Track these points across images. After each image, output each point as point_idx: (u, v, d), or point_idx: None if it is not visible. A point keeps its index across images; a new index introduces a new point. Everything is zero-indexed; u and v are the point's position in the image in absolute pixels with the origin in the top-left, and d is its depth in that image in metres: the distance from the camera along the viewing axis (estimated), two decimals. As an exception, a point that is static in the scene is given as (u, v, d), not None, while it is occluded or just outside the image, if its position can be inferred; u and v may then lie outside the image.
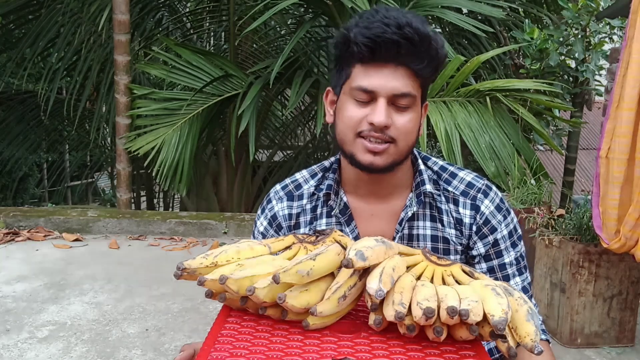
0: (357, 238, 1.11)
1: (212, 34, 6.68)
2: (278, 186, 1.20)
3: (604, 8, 4.05)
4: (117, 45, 4.66)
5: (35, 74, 6.88)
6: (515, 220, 1.15)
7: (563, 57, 4.33)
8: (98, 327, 2.74)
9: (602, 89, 4.35)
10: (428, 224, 1.12)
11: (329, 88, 1.13)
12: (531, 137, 4.29)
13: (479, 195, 1.11)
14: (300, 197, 1.17)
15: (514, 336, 0.79)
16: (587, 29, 4.24)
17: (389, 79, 1.00)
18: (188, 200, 5.73)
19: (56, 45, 5.54)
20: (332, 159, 1.18)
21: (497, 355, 1.15)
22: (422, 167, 1.12)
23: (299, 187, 1.18)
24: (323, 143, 6.47)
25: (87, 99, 5.78)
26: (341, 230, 1.12)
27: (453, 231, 1.11)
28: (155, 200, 6.82)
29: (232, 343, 0.80)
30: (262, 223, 1.19)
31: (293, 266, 0.82)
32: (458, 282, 0.86)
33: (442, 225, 1.12)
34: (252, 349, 0.79)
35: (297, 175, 1.20)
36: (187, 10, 6.74)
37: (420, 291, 0.80)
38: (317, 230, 1.05)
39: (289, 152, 6.91)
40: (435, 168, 1.15)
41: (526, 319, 0.79)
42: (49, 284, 3.24)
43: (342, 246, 0.91)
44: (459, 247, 1.12)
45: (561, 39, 4.25)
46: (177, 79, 4.74)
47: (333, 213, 1.13)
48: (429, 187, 1.10)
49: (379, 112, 1.00)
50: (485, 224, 1.11)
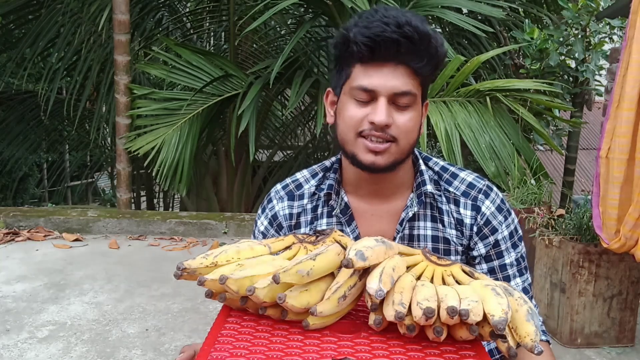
0: (357, 238, 1.11)
1: (212, 34, 6.68)
2: (279, 186, 1.20)
3: (604, 8, 4.05)
4: (117, 45, 4.67)
5: (35, 74, 6.88)
6: (516, 221, 1.14)
7: (563, 57, 4.33)
8: (98, 327, 2.74)
9: (602, 89, 4.35)
10: (429, 224, 1.12)
11: (329, 89, 1.13)
12: (531, 137, 4.29)
13: (480, 196, 1.11)
14: (301, 197, 1.17)
15: (514, 336, 0.79)
16: (587, 29, 4.24)
17: (389, 77, 1.00)
18: (188, 200, 5.73)
19: (56, 45, 5.55)
20: (333, 159, 1.17)
21: (498, 356, 1.15)
22: (423, 168, 1.12)
23: (299, 186, 1.18)
24: (323, 143, 6.47)
25: (87, 99, 5.78)
26: (342, 231, 1.12)
27: (454, 232, 1.11)
28: (155, 200, 6.82)
29: (232, 343, 0.80)
30: (262, 222, 1.19)
31: (293, 266, 0.82)
32: (458, 282, 0.86)
33: (443, 225, 1.11)
34: (252, 349, 0.79)
35: (298, 175, 1.20)
36: (187, 10, 6.75)
37: (420, 291, 0.80)
38: (317, 230, 1.05)
39: (289, 152, 6.91)
40: (436, 168, 1.15)
41: (526, 319, 0.79)
42: (49, 284, 3.24)
43: (342, 246, 0.91)
44: (460, 248, 1.12)
45: (561, 39, 4.25)
46: (177, 79, 4.74)
47: (334, 213, 1.13)
48: (430, 187, 1.10)
49: (379, 111, 0.99)
50: (486, 225, 1.11)
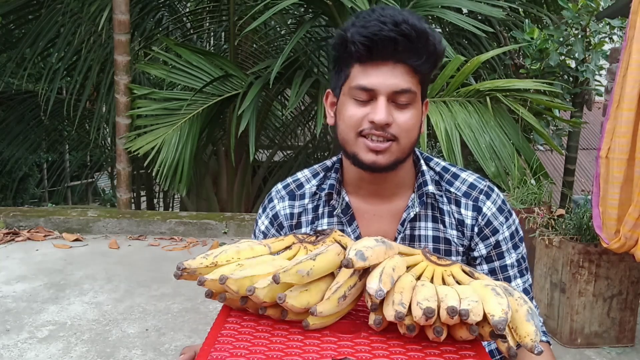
0: (358, 238, 1.10)
1: (212, 34, 6.67)
2: (280, 185, 1.20)
3: (604, 8, 4.05)
4: (117, 45, 4.67)
5: (35, 74, 6.88)
6: (517, 222, 1.14)
7: (563, 57, 4.33)
8: (98, 327, 2.74)
9: (602, 89, 4.35)
10: (430, 224, 1.12)
11: (328, 90, 1.13)
12: (531, 137, 4.29)
13: (481, 197, 1.11)
14: (302, 197, 1.17)
15: (514, 336, 0.79)
16: (587, 29, 4.24)
17: (388, 76, 1.00)
18: (188, 200, 5.73)
19: (56, 45, 5.55)
20: (334, 159, 1.17)
21: (499, 356, 1.15)
22: (425, 168, 1.12)
23: (300, 186, 1.18)
24: (323, 143, 6.47)
25: (87, 99, 5.79)
26: (343, 231, 1.12)
27: (454, 232, 1.11)
28: (155, 200, 6.82)
29: (232, 343, 0.80)
30: (263, 222, 1.19)
31: (293, 266, 0.82)
32: (458, 282, 0.86)
33: (444, 226, 1.11)
34: (252, 349, 0.79)
35: (299, 175, 1.20)
36: (187, 10, 6.75)
37: (420, 291, 0.80)
38: (317, 230, 1.05)
39: (289, 152, 6.91)
40: (438, 169, 1.14)
41: (526, 319, 0.79)
42: (49, 284, 3.24)
43: (342, 246, 0.91)
44: (461, 249, 1.11)
45: (561, 39, 4.25)
46: (177, 79, 4.74)
47: (335, 213, 1.13)
48: (431, 187, 1.10)
49: (379, 110, 0.99)
50: (487, 226, 1.10)
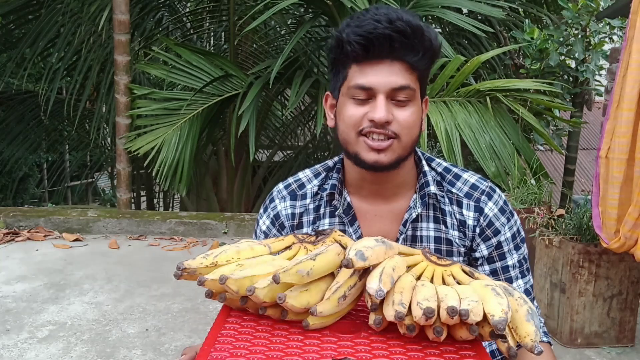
0: (360, 238, 1.10)
1: (212, 34, 6.67)
2: (281, 185, 1.20)
3: (604, 8, 4.05)
4: (117, 45, 4.67)
5: (35, 74, 6.89)
6: (518, 222, 1.14)
7: (563, 57, 4.33)
8: (98, 327, 2.74)
9: (602, 89, 4.35)
10: (431, 225, 1.12)
11: (327, 92, 1.13)
12: (531, 137, 4.29)
13: (483, 198, 1.11)
14: (304, 197, 1.17)
15: (514, 336, 0.79)
16: (587, 29, 4.24)
17: (386, 74, 1.00)
18: (188, 200, 5.73)
19: (56, 45, 5.55)
20: (336, 159, 1.17)
21: (500, 357, 1.15)
22: (426, 169, 1.12)
23: (302, 186, 1.18)
24: (323, 143, 6.47)
25: (87, 99, 5.79)
26: (344, 231, 1.12)
27: (456, 233, 1.11)
28: (155, 200, 6.82)
29: (232, 343, 0.80)
30: (264, 222, 1.19)
31: (293, 266, 0.82)
32: (458, 282, 0.86)
33: (446, 226, 1.11)
34: (252, 349, 0.79)
35: (300, 175, 1.20)
36: (187, 10, 6.75)
37: (420, 291, 0.80)
38: (318, 230, 1.05)
39: (289, 152, 6.91)
40: (439, 169, 1.14)
41: (526, 319, 0.79)
42: (49, 284, 3.24)
43: (342, 246, 0.91)
44: (462, 249, 1.11)
45: (561, 39, 4.25)
46: (177, 79, 4.74)
47: (337, 213, 1.13)
48: (433, 188, 1.10)
49: (379, 108, 0.99)
50: (488, 226, 1.10)
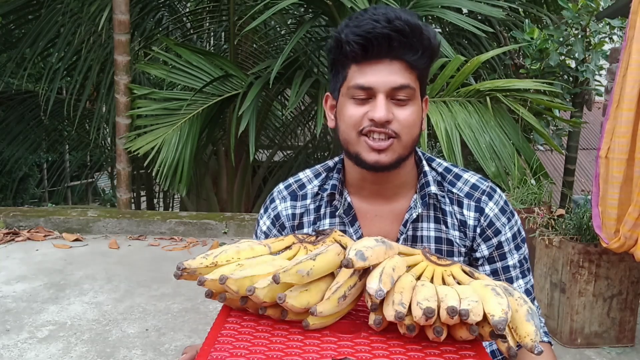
0: (360, 239, 1.10)
1: (212, 34, 6.67)
2: (281, 185, 1.20)
3: (604, 8, 4.05)
4: (117, 45, 4.67)
5: (35, 74, 6.88)
6: (519, 222, 1.14)
7: (563, 57, 4.33)
8: (98, 327, 2.74)
9: (602, 89, 4.35)
10: (432, 225, 1.11)
11: (327, 93, 1.13)
12: (531, 137, 4.29)
13: (484, 198, 1.11)
14: (304, 197, 1.17)
15: (514, 336, 0.79)
16: (587, 29, 4.24)
17: (385, 73, 1.00)
18: (188, 200, 5.73)
19: (56, 45, 5.55)
20: (336, 159, 1.17)
21: (500, 357, 1.15)
22: (427, 169, 1.12)
23: (302, 187, 1.18)
24: (323, 143, 6.47)
25: (87, 99, 5.79)
26: (345, 231, 1.12)
27: (457, 233, 1.11)
28: (155, 200, 6.82)
29: (232, 343, 0.80)
30: (265, 222, 1.19)
31: (293, 266, 0.82)
32: (458, 282, 0.86)
33: (446, 227, 1.11)
34: (252, 349, 0.79)
35: (301, 175, 1.20)
36: (187, 10, 6.74)
37: (420, 291, 0.80)
38: (318, 230, 1.05)
39: (289, 152, 6.91)
40: (440, 169, 1.14)
41: (526, 319, 0.79)
42: (49, 284, 3.24)
43: (342, 246, 0.91)
44: (463, 250, 1.11)
45: (561, 39, 4.25)
46: (177, 79, 4.74)
47: (337, 213, 1.13)
48: (433, 188, 1.10)
49: (379, 108, 0.99)
50: (489, 227, 1.10)
